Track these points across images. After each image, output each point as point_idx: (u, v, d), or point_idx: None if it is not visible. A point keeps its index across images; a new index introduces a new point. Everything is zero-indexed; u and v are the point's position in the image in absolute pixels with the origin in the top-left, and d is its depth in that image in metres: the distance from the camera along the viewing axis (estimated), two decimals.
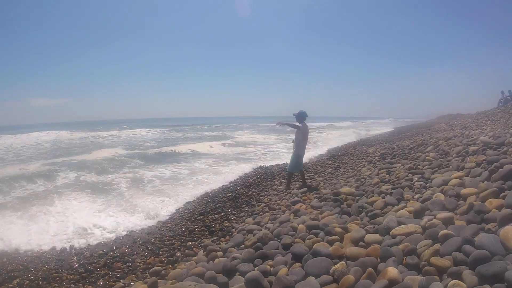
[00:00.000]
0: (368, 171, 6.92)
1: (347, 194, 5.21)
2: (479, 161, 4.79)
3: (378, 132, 24.15)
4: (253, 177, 9.01)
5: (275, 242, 3.75)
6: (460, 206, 3.49)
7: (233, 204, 6.71)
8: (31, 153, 18.40)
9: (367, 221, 3.94)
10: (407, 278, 2.38)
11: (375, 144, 14.37)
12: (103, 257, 4.63)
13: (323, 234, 3.64)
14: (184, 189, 8.42)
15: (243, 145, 20.41)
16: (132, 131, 36.17)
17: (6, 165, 13.84)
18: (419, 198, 4.22)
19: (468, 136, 7.67)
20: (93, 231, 5.67)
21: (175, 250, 4.72)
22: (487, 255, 2.24)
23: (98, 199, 7.59)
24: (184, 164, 12.57)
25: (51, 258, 4.65)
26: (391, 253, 2.75)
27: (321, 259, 2.97)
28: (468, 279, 2.15)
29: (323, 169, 9.09)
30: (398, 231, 3.18)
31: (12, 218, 6.26)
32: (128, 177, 10.25)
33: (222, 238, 4.88)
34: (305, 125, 6.79)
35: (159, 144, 22.54)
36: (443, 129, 14.36)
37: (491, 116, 14.38)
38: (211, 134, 32.83)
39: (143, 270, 4.15)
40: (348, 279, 2.57)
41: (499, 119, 11.99)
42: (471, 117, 17.37)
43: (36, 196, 8.01)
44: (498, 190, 3.45)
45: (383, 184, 5.40)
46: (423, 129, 20.32)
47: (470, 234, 2.64)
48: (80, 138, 29.35)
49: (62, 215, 6.40)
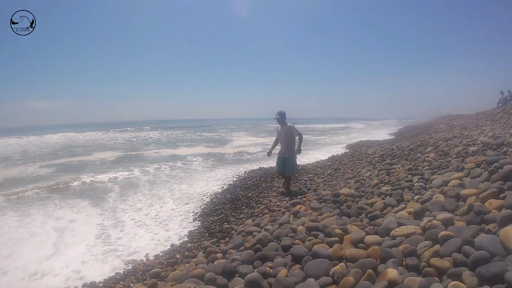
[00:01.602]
0: (367, 172, 6.91)
1: (346, 196, 5.21)
2: (478, 161, 4.78)
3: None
4: (252, 179, 9.00)
5: (274, 244, 3.74)
6: (460, 207, 3.48)
7: (233, 206, 6.69)
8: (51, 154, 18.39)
9: (367, 223, 3.94)
10: (407, 280, 2.37)
11: (375, 145, 14.38)
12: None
13: (323, 235, 3.64)
14: (182, 191, 8.41)
15: (241, 147, 20.39)
16: (133, 133, 36.15)
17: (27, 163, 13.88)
18: (419, 199, 4.21)
19: (468, 136, 7.66)
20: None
21: (175, 251, 4.71)
22: (487, 256, 2.24)
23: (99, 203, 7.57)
24: (181, 166, 12.53)
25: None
26: (391, 254, 2.75)
27: (320, 261, 2.96)
28: (468, 280, 2.14)
29: (322, 171, 9.07)
30: (398, 232, 3.18)
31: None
32: (124, 178, 10.25)
33: (222, 240, 4.86)
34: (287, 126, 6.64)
35: (158, 146, 22.51)
36: (442, 130, 14.35)
37: (490, 116, 14.38)
38: (209, 136, 32.86)
39: (143, 272, 4.13)
40: (348, 281, 2.57)
41: (499, 119, 11.99)
42: (470, 118, 17.38)
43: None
44: (498, 190, 3.45)
45: (382, 185, 5.40)
46: (423, 129, 20.34)
47: (470, 235, 2.64)
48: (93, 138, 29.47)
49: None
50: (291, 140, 6.63)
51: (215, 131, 39.68)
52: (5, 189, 8.92)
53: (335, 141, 24.02)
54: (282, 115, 6.63)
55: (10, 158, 16.65)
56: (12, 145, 24.29)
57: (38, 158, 16.49)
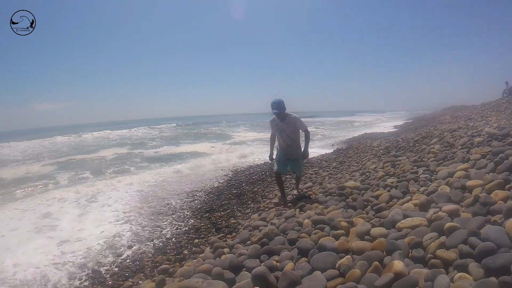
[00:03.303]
0: (373, 165, 6.91)
1: (352, 188, 5.21)
2: (484, 152, 4.76)
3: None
4: (258, 173, 9.03)
5: (281, 238, 3.76)
6: (466, 198, 3.47)
7: (239, 201, 6.74)
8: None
9: (373, 215, 3.94)
10: (413, 271, 2.38)
11: (380, 137, 14.33)
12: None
13: (329, 228, 3.65)
14: (188, 187, 8.46)
15: (245, 143, 20.41)
16: (135, 130, 36.22)
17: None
18: (424, 191, 4.20)
19: (473, 127, 7.61)
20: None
21: (182, 248, 4.76)
22: (493, 247, 2.23)
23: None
24: (186, 163, 12.57)
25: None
26: (397, 247, 2.76)
27: (327, 254, 2.97)
28: (474, 271, 2.15)
29: (327, 164, 9.08)
30: (403, 224, 3.18)
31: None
32: (132, 175, 10.35)
33: (229, 235, 4.91)
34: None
35: (161, 143, 22.64)
36: (447, 121, 14.25)
37: (495, 107, 14.26)
38: (211, 132, 32.89)
39: (151, 268, 4.19)
40: (354, 273, 2.58)
41: (504, 110, 11.89)
42: (475, 109, 17.24)
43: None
44: (503, 181, 3.43)
45: (388, 177, 5.39)
46: (428, 121, 20.21)
47: (476, 226, 2.63)
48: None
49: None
50: (298, 135, 5.44)
51: (218, 127, 39.56)
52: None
53: (341, 134, 23.96)
54: (280, 106, 5.11)
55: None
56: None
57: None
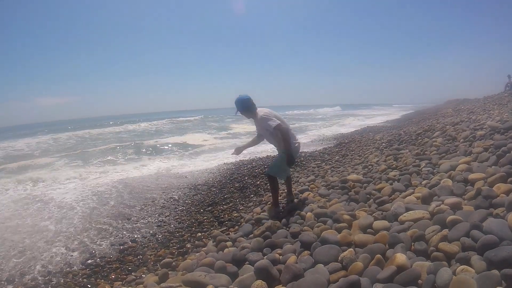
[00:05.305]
0: (375, 158, 6.90)
1: (354, 182, 5.22)
2: (486, 146, 4.75)
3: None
4: (260, 167, 9.02)
5: (283, 231, 3.79)
6: (468, 191, 3.48)
7: (241, 194, 6.75)
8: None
9: (375, 208, 3.97)
10: (416, 264, 2.40)
11: (382, 130, 14.30)
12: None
13: (331, 221, 3.68)
14: (190, 181, 8.49)
15: (245, 135, 20.39)
16: (136, 125, 36.22)
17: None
18: (426, 184, 4.20)
19: (475, 120, 7.58)
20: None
21: (185, 241, 4.79)
22: (495, 240, 2.24)
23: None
24: (187, 157, 12.60)
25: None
26: (399, 240, 2.78)
27: (329, 247, 3.00)
28: (477, 264, 2.16)
29: (330, 157, 9.07)
30: (406, 217, 3.19)
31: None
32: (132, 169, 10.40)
33: (231, 229, 4.93)
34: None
35: (159, 135, 22.71)
36: (450, 114, 14.18)
37: (498, 100, 14.19)
38: (211, 125, 32.90)
39: (154, 262, 4.22)
40: (356, 266, 2.60)
41: (506, 103, 11.82)
42: (478, 102, 17.14)
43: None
44: (506, 175, 3.43)
45: (390, 170, 5.39)
46: (430, 114, 20.12)
47: (478, 219, 2.64)
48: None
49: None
50: (275, 135, 4.47)
51: (217, 122, 39.51)
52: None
53: (342, 127, 23.88)
54: (243, 105, 4.38)
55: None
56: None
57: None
